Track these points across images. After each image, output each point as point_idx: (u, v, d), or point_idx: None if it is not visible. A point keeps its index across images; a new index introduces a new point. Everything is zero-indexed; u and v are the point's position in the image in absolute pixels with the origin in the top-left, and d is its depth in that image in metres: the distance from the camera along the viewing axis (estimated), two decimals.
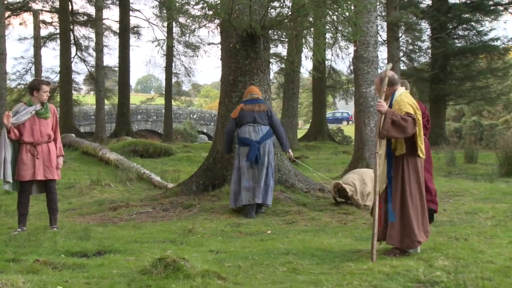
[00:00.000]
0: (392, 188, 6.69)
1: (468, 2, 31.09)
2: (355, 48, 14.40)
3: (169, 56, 33.90)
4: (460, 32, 32.02)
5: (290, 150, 10.33)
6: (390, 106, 6.74)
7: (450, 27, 31.21)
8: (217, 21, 11.24)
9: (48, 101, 8.98)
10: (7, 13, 33.28)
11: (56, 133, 8.92)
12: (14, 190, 8.92)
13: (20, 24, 36.26)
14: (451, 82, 30.75)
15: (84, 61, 37.60)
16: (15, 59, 38.44)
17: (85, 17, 37.19)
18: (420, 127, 6.68)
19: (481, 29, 31.61)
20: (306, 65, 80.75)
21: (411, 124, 6.49)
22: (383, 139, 6.67)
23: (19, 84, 36.31)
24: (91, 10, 36.03)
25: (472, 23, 31.45)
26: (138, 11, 44.71)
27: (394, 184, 6.68)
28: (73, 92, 35.79)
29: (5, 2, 29.28)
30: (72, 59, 34.49)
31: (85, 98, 48.00)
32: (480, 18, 31.26)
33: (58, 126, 9.02)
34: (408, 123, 6.47)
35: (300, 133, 35.20)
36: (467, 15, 30.72)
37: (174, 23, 25.11)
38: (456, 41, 31.74)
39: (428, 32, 31.66)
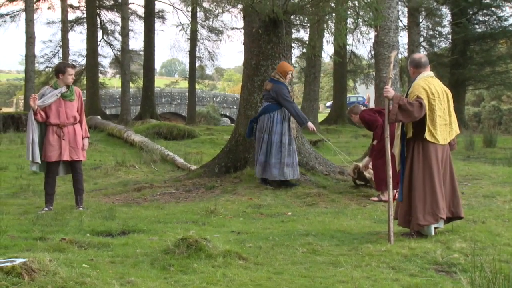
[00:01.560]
0: (404, 169, 6.79)
1: None
2: (376, 33, 14.35)
3: (193, 40, 33.97)
4: (481, 18, 31.65)
5: (309, 124, 10.31)
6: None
7: (471, 12, 30.86)
8: (240, 6, 11.30)
9: (74, 84, 9.11)
10: None
11: (81, 115, 9.05)
12: (41, 171, 9.08)
13: (48, 8, 36.44)
14: (470, 67, 30.47)
15: (110, 45, 37.82)
16: (43, 42, 38.77)
17: (112, 2, 37.34)
18: (435, 111, 6.64)
19: (501, 14, 31.21)
20: (328, 50, 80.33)
21: (417, 108, 6.51)
22: (395, 123, 6.79)
23: (47, 67, 36.65)
24: None
25: (493, 8, 31.06)
26: None
27: (405, 165, 6.77)
28: (99, 75, 36.07)
29: None
30: (98, 43, 34.74)
31: (111, 81, 48.30)
32: (500, 4, 30.86)
33: (83, 109, 9.16)
34: (414, 107, 6.51)
35: (321, 117, 35.13)
36: (487, 1, 30.36)
37: (198, 7, 25.28)
38: (477, 26, 31.40)
39: (449, 17, 31.36)
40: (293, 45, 12.40)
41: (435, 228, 6.74)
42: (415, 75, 6.88)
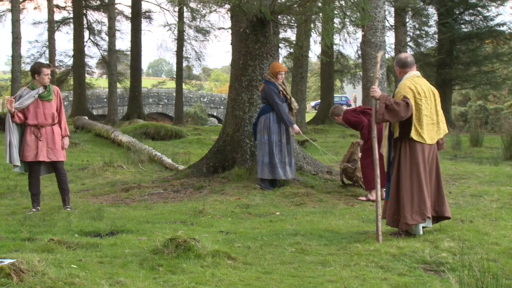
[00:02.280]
0: (391, 168, 6.82)
1: None
2: (363, 33, 14.44)
3: (180, 40, 33.92)
4: (467, 18, 31.85)
5: (295, 126, 10.34)
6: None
7: (457, 12, 31.06)
8: (227, 6, 11.32)
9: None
10: None
11: (60, 114, 8.99)
12: (26, 172, 9.06)
13: (35, 8, 36.29)
14: (457, 67, 30.66)
15: (97, 45, 37.70)
16: (29, 42, 38.57)
17: (98, 2, 37.22)
18: (422, 111, 6.66)
19: (487, 14, 31.42)
20: (315, 50, 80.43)
21: (404, 108, 6.55)
22: (381, 123, 6.82)
23: None
24: None
25: (479, 8, 31.27)
26: None
27: (392, 165, 6.80)
28: (86, 75, 35.95)
29: None
30: (85, 43, 34.64)
31: (98, 81, 48.16)
32: (486, 4, 31.07)
33: (62, 107, 9.09)
34: (400, 107, 6.54)
35: (309, 117, 35.20)
36: (473, 1, 30.55)
37: (185, 8, 25.24)
38: (463, 26, 31.61)
39: (435, 17, 31.53)
40: (280, 45, 12.41)
41: (423, 227, 6.78)
42: (401, 75, 6.91)
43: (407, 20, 26.78)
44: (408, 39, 28.97)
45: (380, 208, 6.66)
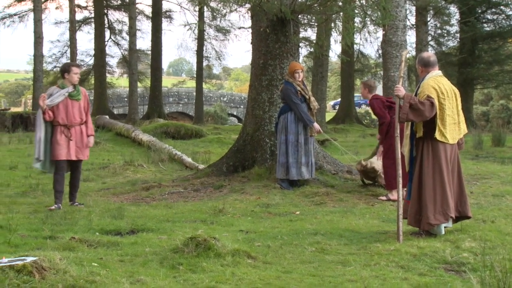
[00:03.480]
0: (413, 168, 6.80)
1: None
2: (383, 32, 14.36)
3: (200, 40, 34.00)
4: (489, 16, 31.58)
5: (315, 125, 10.32)
6: (419, 88, 6.84)
7: (479, 11, 30.80)
8: (247, 5, 11.31)
9: (82, 84, 9.26)
10: None
11: (87, 114, 9.24)
12: (44, 170, 9.26)
13: (56, 8, 36.57)
14: (479, 66, 30.41)
15: (117, 44, 37.91)
16: (51, 42, 38.90)
17: (119, 1, 37.43)
18: (445, 110, 6.65)
19: (510, 13, 31.14)
20: (335, 49, 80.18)
21: (429, 108, 6.51)
22: (404, 122, 6.76)
23: (55, 67, 36.73)
24: None
25: (501, 7, 30.99)
26: None
27: (415, 165, 6.77)
28: (107, 75, 36.17)
29: None
30: (106, 42, 34.85)
31: (119, 80, 48.42)
32: (509, 2, 30.78)
33: (89, 108, 9.36)
34: (425, 106, 6.51)
35: (329, 116, 35.13)
36: None
37: (205, 7, 25.26)
38: (485, 25, 31.33)
39: (457, 16, 31.31)
40: (300, 44, 12.39)
41: (444, 227, 6.74)
42: (423, 74, 6.88)
43: (429, 19, 26.62)
44: (430, 38, 28.81)
45: (401, 208, 6.62)
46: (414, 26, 26.60)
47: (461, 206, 6.82)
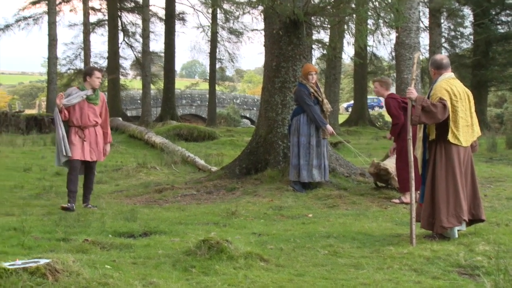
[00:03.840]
0: (426, 171, 6.77)
1: None
2: (397, 34, 14.31)
3: (213, 42, 34.07)
4: (503, 18, 31.43)
5: (328, 127, 10.27)
6: (431, 90, 6.81)
7: (493, 13, 30.64)
8: (260, 7, 11.32)
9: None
10: (58, 0, 33.85)
11: (106, 121, 9.35)
12: (66, 166, 9.26)
13: (70, 10, 36.75)
14: (493, 68, 30.25)
15: (131, 46, 38.04)
16: (65, 44, 39.21)
17: (132, 4, 37.60)
18: (458, 113, 6.62)
19: None
20: (348, 51, 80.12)
21: (441, 110, 6.48)
22: (418, 125, 6.73)
23: (69, 69, 36.93)
24: None
25: None
26: None
27: (427, 168, 6.74)
28: (121, 77, 36.31)
29: None
30: (119, 44, 35.00)
31: (132, 83, 48.52)
32: None
33: (107, 114, 9.45)
34: (438, 108, 6.47)
35: (342, 118, 35.07)
36: (510, 1, 30.11)
37: (218, 9, 25.26)
38: (499, 27, 31.17)
39: (471, 18, 31.16)
40: (313, 46, 12.36)
41: (457, 230, 6.71)
42: (436, 76, 6.86)
43: (442, 21, 26.53)
44: (443, 40, 28.71)
45: (414, 211, 6.60)
46: (428, 28, 26.51)
47: (474, 209, 6.78)
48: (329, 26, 12.83)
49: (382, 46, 42.35)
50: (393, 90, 15.58)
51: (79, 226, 7.56)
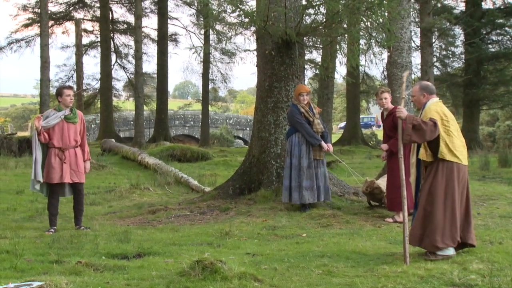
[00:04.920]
0: (422, 190, 6.77)
1: (502, 7, 30.78)
2: (388, 53, 14.39)
3: (206, 62, 34.19)
4: (494, 37, 31.70)
5: (323, 144, 10.20)
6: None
7: (484, 32, 30.91)
8: (253, 28, 11.40)
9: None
10: (51, 22, 33.97)
11: (83, 139, 9.31)
12: (40, 192, 9.31)
13: (63, 33, 36.94)
14: (484, 87, 30.44)
15: (123, 68, 38.17)
16: (58, 66, 39.25)
17: (125, 26, 37.78)
18: (452, 133, 6.65)
19: None
20: (340, 71, 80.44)
21: (431, 128, 6.53)
22: (411, 145, 6.85)
23: None
24: (131, 19, 36.68)
25: (506, 28, 31.10)
26: (176, 19, 44.94)
27: (424, 187, 6.72)
28: (113, 98, 36.36)
29: (49, 12, 29.87)
30: (112, 66, 35.13)
31: (125, 104, 48.57)
32: None
33: (85, 132, 9.41)
34: (428, 126, 6.52)
35: (335, 138, 35.15)
36: (501, 21, 30.38)
37: (211, 30, 25.38)
38: (490, 46, 31.43)
39: (462, 37, 31.44)
40: (306, 66, 12.47)
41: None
42: (425, 100, 6.92)
43: (434, 40, 26.70)
44: (435, 59, 28.87)
45: (407, 230, 6.59)
46: (419, 47, 26.67)
47: (463, 231, 6.75)
48: (321, 46, 12.94)
49: (374, 65, 42.53)
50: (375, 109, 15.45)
51: (72, 248, 7.52)
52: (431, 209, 6.62)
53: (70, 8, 37.30)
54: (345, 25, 11.00)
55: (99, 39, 35.70)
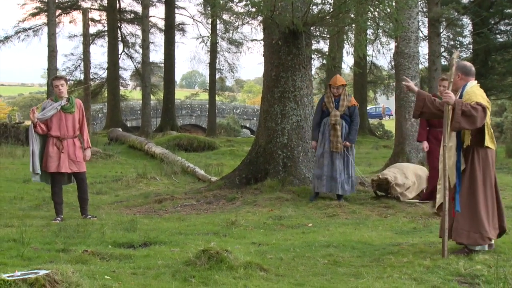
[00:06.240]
0: (462, 180, 6.37)
1: None
2: (396, 43, 14.36)
3: (213, 52, 34.13)
4: (502, 27, 31.41)
5: (312, 142, 10.49)
6: (461, 97, 6.38)
7: (492, 22, 30.65)
8: (260, 18, 11.37)
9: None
10: (58, 12, 33.93)
11: (83, 127, 9.26)
12: (42, 182, 9.36)
13: (70, 22, 36.82)
14: (492, 77, 30.22)
15: (131, 57, 38.10)
16: (65, 56, 39.29)
17: (132, 15, 37.67)
18: (489, 118, 6.30)
19: None
20: (348, 61, 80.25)
21: (482, 114, 6.10)
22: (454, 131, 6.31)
23: (68, 80, 36.89)
24: (138, 8, 36.55)
25: None
26: (183, 8, 44.80)
27: (463, 177, 6.36)
28: (120, 87, 36.36)
29: (56, 1, 29.87)
30: (119, 55, 35.09)
31: (132, 93, 48.65)
32: None
33: (85, 120, 9.35)
34: (478, 112, 6.08)
35: None
36: (509, 10, 30.13)
37: (218, 20, 25.39)
38: (498, 36, 31.17)
39: (470, 27, 31.18)
40: (313, 56, 12.42)
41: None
42: (462, 82, 6.52)
43: (441, 30, 26.54)
44: (442, 49, 28.69)
45: (446, 222, 6.29)
46: (427, 37, 26.50)
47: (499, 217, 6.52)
48: (328, 36, 12.90)
49: (381, 55, 42.38)
50: (392, 100, 15.53)
51: (78, 237, 7.54)
52: (473, 202, 6.32)
53: None
54: (352, 15, 10.98)
55: (106, 28, 35.64)
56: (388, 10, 10.59)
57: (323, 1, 11.21)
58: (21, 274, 4.63)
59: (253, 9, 10.90)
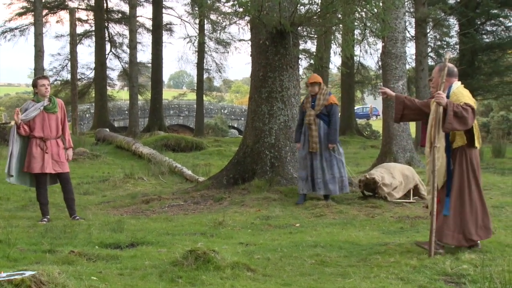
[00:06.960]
0: (452, 181, 6.39)
1: None
2: (383, 44, 14.41)
3: (201, 52, 34.09)
4: (488, 28, 31.57)
5: (297, 144, 10.53)
6: (447, 98, 6.34)
7: (478, 22, 30.81)
8: (247, 18, 11.38)
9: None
10: (45, 12, 33.80)
11: (64, 127, 9.21)
12: (18, 183, 9.30)
13: (57, 22, 36.67)
14: (479, 77, 30.38)
15: (118, 57, 37.98)
16: (52, 56, 39.16)
17: (119, 15, 37.58)
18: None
19: (509, 24, 31.09)
20: (335, 61, 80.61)
21: (471, 114, 6.15)
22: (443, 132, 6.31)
23: (55, 80, 36.75)
24: (125, 8, 36.48)
25: (501, 18, 31.00)
26: (171, 8, 44.76)
27: (453, 178, 6.37)
28: (108, 87, 36.24)
29: (43, 0, 29.72)
30: (106, 55, 34.98)
31: (119, 93, 48.48)
32: (508, 14, 30.78)
33: (66, 120, 9.30)
34: (469, 113, 6.12)
35: None
36: (495, 11, 30.29)
37: (205, 20, 25.36)
38: (484, 36, 31.33)
39: (456, 28, 31.31)
40: (300, 56, 12.43)
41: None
42: (447, 83, 6.49)
43: (428, 30, 26.65)
44: (429, 49, 28.82)
45: (434, 222, 6.29)
46: (414, 37, 26.62)
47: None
48: (315, 36, 12.92)
49: (369, 55, 42.55)
50: (379, 100, 15.58)
51: (65, 238, 7.51)
52: (460, 203, 6.36)
53: None
54: (339, 15, 11.00)
55: (93, 28, 35.53)
56: (375, 10, 10.63)
57: (310, 1, 11.23)
58: (6, 275, 4.61)
59: (241, 9, 10.92)
